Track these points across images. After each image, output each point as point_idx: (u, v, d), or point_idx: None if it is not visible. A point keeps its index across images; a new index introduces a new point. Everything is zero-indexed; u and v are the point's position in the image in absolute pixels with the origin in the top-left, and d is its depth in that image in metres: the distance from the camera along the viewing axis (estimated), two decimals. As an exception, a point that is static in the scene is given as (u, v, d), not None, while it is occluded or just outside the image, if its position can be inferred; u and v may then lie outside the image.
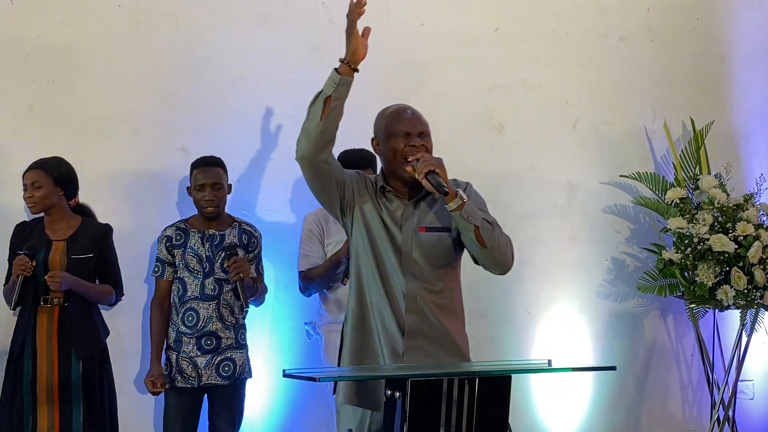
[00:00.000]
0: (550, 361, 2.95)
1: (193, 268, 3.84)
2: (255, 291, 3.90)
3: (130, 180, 4.20)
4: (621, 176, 4.81)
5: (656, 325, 4.93)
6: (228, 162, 4.11)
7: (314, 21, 4.41)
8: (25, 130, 4.10)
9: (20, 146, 3.97)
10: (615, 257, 4.86)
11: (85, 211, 3.91)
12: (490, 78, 4.71)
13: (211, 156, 3.95)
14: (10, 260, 3.75)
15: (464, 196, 2.86)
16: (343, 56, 2.86)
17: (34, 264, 3.65)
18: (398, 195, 2.98)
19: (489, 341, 4.63)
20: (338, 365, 3.03)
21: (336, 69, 2.85)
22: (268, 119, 4.36)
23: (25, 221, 3.86)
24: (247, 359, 3.92)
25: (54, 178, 3.78)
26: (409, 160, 2.90)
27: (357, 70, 2.87)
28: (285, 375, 3.04)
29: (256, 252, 3.94)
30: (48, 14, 4.18)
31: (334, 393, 3.05)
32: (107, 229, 3.88)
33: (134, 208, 4.19)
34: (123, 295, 3.91)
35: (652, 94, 4.93)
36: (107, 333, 3.86)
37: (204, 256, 3.84)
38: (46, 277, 3.67)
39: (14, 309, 3.70)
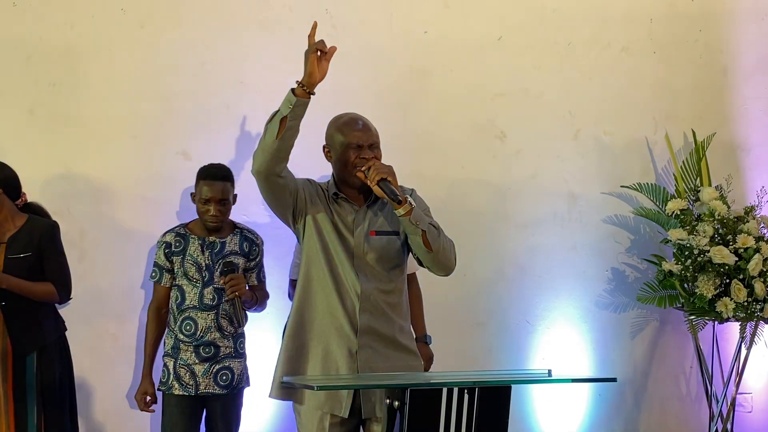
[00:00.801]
0: (550, 372, 2.95)
1: (192, 277, 3.79)
2: (253, 303, 3.86)
3: (130, 184, 4.19)
4: (622, 187, 4.80)
5: (655, 336, 4.92)
6: (228, 166, 4.11)
7: (318, 27, 4.39)
8: (26, 132, 4.10)
9: (20, 149, 3.97)
10: (615, 267, 4.86)
11: (35, 210, 3.80)
12: (493, 86, 4.71)
13: (220, 166, 3.88)
14: None
15: (412, 202, 3.04)
16: (300, 78, 2.96)
17: None
18: (349, 201, 3.15)
19: (487, 350, 4.63)
20: (275, 369, 3.15)
21: (293, 90, 2.96)
22: (269, 125, 4.35)
23: None
24: (245, 368, 3.88)
25: (4, 183, 3.69)
26: (362, 169, 3.05)
27: (313, 93, 2.97)
28: (283, 384, 3.04)
29: (257, 260, 3.91)
30: (50, 16, 4.18)
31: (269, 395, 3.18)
32: (51, 227, 3.75)
33: (134, 212, 4.18)
34: (70, 295, 3.76)
35: (654, 105, 4.92)
36: (60, 329, 3.76)
37: (203, 264, 3.80)
38: None
39: None
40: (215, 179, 3.80)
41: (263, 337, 4.15)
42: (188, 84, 4.28)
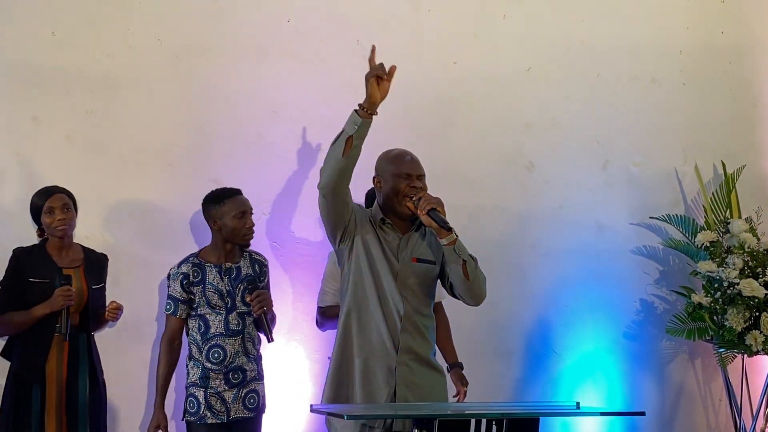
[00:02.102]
0: (578, 404, 2.96)
1: (216, 305, 3.81)
2: (275, 321, 3.91)
3: (164, 210, 4.24)
4: (651, 218, 4.80)
5: (684, 368, 4.89)
6: (260, 195, 4.17)
7: (349, 58, 4.46)
8: (63, 160, 4.17)
9: (58, 176, 4.03)
10: (644, 299, 4.85)
11: None
12: (521, 117, 4.74)
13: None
14: (9, 286, 3.72)
15: (456, 234, 3.22)
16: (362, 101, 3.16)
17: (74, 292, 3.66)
18: (394, 228, 3.35)
19: (515, 380, 4.62)
20: (326, 379, 3.34)
21: (356, 111, 3.18)
22: (300, 154, 4.41)
23: (22, 247, 3.81)
24: (264, 391, 3.91)
25: (75, 204, 3.83)
26: (412, 198, 3.25)
27: (375, 113, 3.19)
28: (312, 410, 3.07)
29: (266, 280, 3.96)
30: (88, 47, 4.26)
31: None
32: (106, 259, 3.93)
33: (167, 238, 4.23)
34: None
35: (684, 137, 4.93)
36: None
37: (225, 291, 3.83)
38: (109, 307, 3.72)
39: (67, 339, 3.68)
40: (241, 194, 3.90)
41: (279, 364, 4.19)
42: (222, 113, 4.35)
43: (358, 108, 3.17)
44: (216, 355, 3.79)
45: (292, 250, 4.32)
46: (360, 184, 3.54)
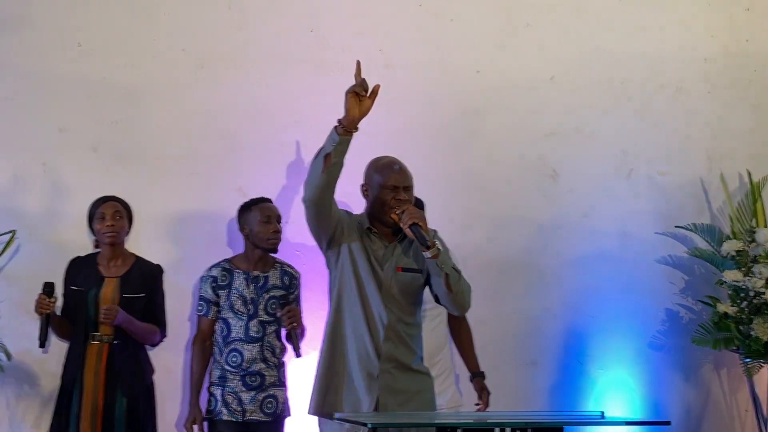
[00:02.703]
0: (602, 413, 2.94)
1: (238, 310, 3.89)
2: (304, 334, 3.93)
3: (188, 218, 4.27)
4: (676, 227, 4.76)
5: (710, 378, 4.85)
6: (283, 204, 4.19)
7: (371, 66, 4.43)
8: (89, 169, 4.22)
9: (84, 185, 4.08)
10: (669, 308, 4.81)
11: None
12: (545, 125, 4.72)
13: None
14: (65, 295, 3.81)
15: (440, 247, 3.23)
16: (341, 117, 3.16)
17: (53, 301, 3.66)
18: (380, 236, 3.36)
19: (539, 390, 4.60)
20: (313, 384, 3.35)
21: (335, 127, 3.17)
22: (323, 162, 4.42)
23: (79, 256, 3.90)
24: (287, 397, 3.95)
25: (128, 213, 3.89)
26: (396, 212, 3.24)
27: (355, 130, 3.17)
28: (336, 419, 3.07)
29: (296, 293, 4.01)
30: (114, 57, 4.31)
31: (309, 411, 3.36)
32: (159, 270, 3.93)
33: (191, 245, 4.26)
34: (165, 335, 3.95)
35: (709, 145, 4.89)
36: (153, 371, 3.90)
37: (249, 297, 3.90)
38: (102, 309, 3.70)
39: (42, 347, 3.71)
40: (269, 202, 4.00)
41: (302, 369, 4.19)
42: (245, 122, 4.38)
43: (337, 124, 3.16)
44: (234, 359, 3.86)
45: (315, 257, 4.32)
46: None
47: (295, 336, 3.81)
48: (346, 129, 3.14)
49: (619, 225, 4.77)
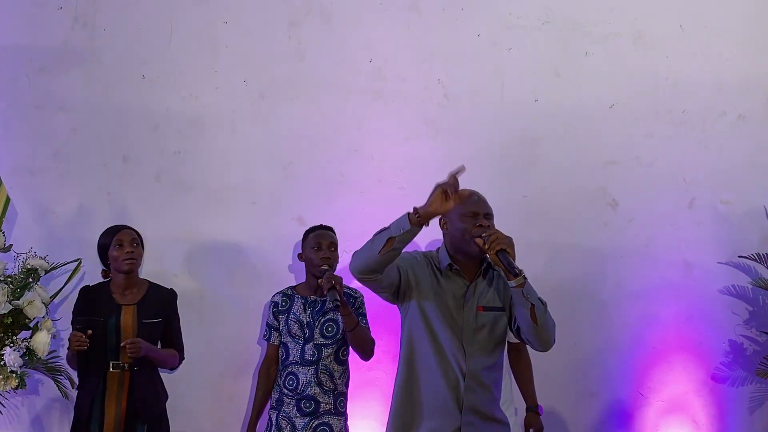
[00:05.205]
0: (664, 448, 2.89)
1: (295, 334, 3.94)
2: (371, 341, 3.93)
3: (248, 247, 4.32)
4: (740, 257, 4.68)
5: (776, 412, 4.73)
6: (341, 232, 4.20)
7: (429, 96, 4.50)
8: (152, 197, 4.30)
9: (147, 214, 4.16)
10: (732, 340, 4.71)
11: None
12: (604, 154, 4.69)
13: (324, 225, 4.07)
14: (73, 325, 3.80)
15: (525, 276, 3.06)
16: (419, 206, 2.99)
17: (87, 336, 3.63)
18: (460, 274, 3.19)
19: (599, 422, 4.54)
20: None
21: (408, 214, 2.99)
22: (381, 191, 4.45)
23: (88, 286, 3.90)
24: (346, 428, 3.95)
25: (142, 241, 3.90)
26: (482, 235, 3.08)
27: (426, 225, 2.99)
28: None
29: (359, 310, 4.01)
30: (177, 88, 4.40)
31: None
32: (173, 295, 3.94)
33: (254, 274, 4.30)
34: (184, 358, 3.94)
35: (773, 173, 4.81)
36: (167, 396, 3.90)
37: (305, 321, 3.95)
38: (126, 343, 3.68)
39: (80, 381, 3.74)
40: (324, 229, 4.02)
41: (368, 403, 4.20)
42: (305, 152, 4.43)
43: (411, 212, 2.99)
44: (290, 382, 3.91)
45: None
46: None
47: (335, 290, 3.73)
48: (420, 220, 2.96)
49: (681, 255, 4.70)
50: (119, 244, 3.81)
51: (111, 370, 3.73)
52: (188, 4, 4.46)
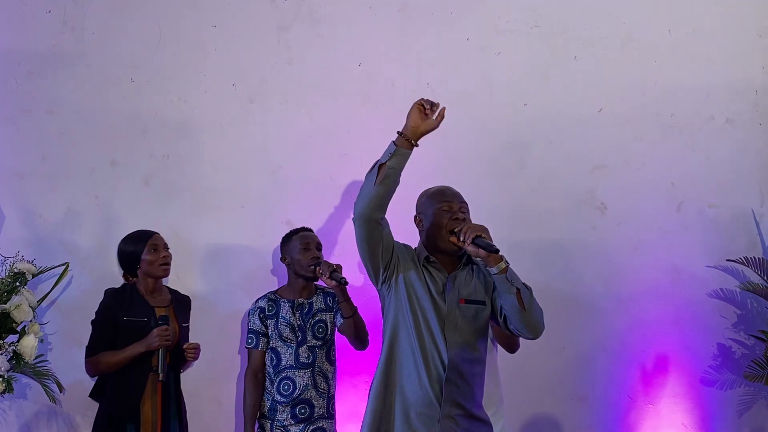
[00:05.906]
0: (653, 451, 2.90)
1: (287, 338, 3.93)
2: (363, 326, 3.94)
3: (237, 251, 4.32)
4: (728, 260, 4.70)
5: (763, 415, 4.74)
6: (330, 236, 4.22)
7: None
8: (141, 202, 4.29)
9: (135, 218, 4.15)
10: (721, 343, 4.73)
11: None
12: (593, 158, 4.70)
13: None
14: (102, 326, 3.79)
15: (507, 261, 3.04)
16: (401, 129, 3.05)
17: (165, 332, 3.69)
18: (439, 268, 3.19)
19: (587, 425, 4.54)
20: (363, 421, 3.19)
21: (393, 141, 3.05)
22: (371, 195, 4.44)
23: (114, 288, 3.89)
24: (335, 431, 3.96)
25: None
26: (455, 231, 3.10)
27: (416, 145, 3.04)
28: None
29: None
30: (165, 92, 4.40)
31: None
32: (190, 300, 4.02)
33: (240, 279, 4.30)
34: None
35: (760, 177, 4.82)
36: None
37: (296, 324, 3.94)
38: (187, 347, 3.74)
39: (165, 379, 3.74)
40: (308, 231, 4.04)
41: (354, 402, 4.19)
42: (294, 156, 4.43)
43: (397, 135, 3.05)
44: (285, 388, 3.89)
45: (362, 290, 4.34)
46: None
47: (338, 272, 3.79)
48: (405, 140, 3.02)
49: (670, 258, 4.71)
50: (154, 248, 3.85)
51: (151, 373, 3.72)
52: (177, 8, 4.46)
